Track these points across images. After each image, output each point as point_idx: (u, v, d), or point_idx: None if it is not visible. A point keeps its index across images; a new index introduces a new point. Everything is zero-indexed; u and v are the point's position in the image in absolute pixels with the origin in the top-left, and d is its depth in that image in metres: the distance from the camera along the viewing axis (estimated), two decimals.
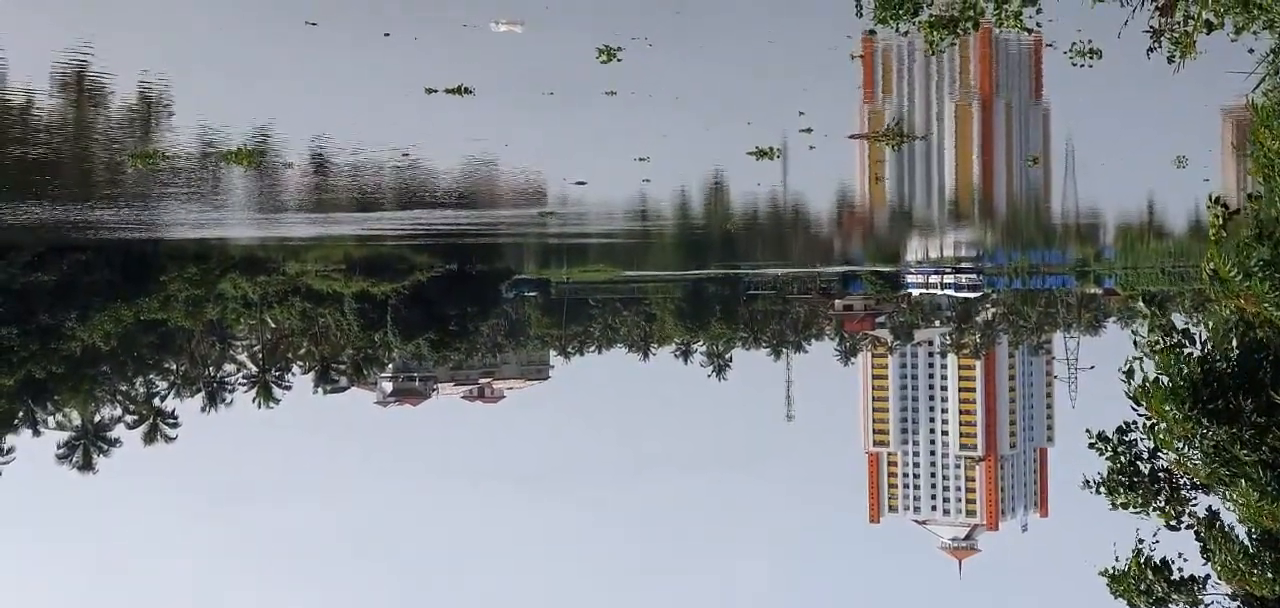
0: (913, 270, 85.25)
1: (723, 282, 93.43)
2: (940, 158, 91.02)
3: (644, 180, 63.16)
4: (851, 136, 78.28)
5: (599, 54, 64.94)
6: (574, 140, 66.27)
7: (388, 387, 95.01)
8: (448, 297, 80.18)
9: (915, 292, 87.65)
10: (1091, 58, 29.50)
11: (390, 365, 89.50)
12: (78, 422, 66.76)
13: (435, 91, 62.34)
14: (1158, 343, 16.00)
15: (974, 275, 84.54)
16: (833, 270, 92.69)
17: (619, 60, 64.90)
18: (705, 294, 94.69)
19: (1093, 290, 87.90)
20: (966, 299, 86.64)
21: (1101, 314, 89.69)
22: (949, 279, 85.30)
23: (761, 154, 66.79)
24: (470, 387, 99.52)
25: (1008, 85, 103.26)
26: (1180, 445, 16.18)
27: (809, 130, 68.81)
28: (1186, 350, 16.11)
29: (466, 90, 62.76)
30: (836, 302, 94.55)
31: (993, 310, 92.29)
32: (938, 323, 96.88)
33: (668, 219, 73.03)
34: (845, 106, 77.65)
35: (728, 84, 75.39)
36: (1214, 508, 16.28)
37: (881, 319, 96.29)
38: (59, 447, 65.54)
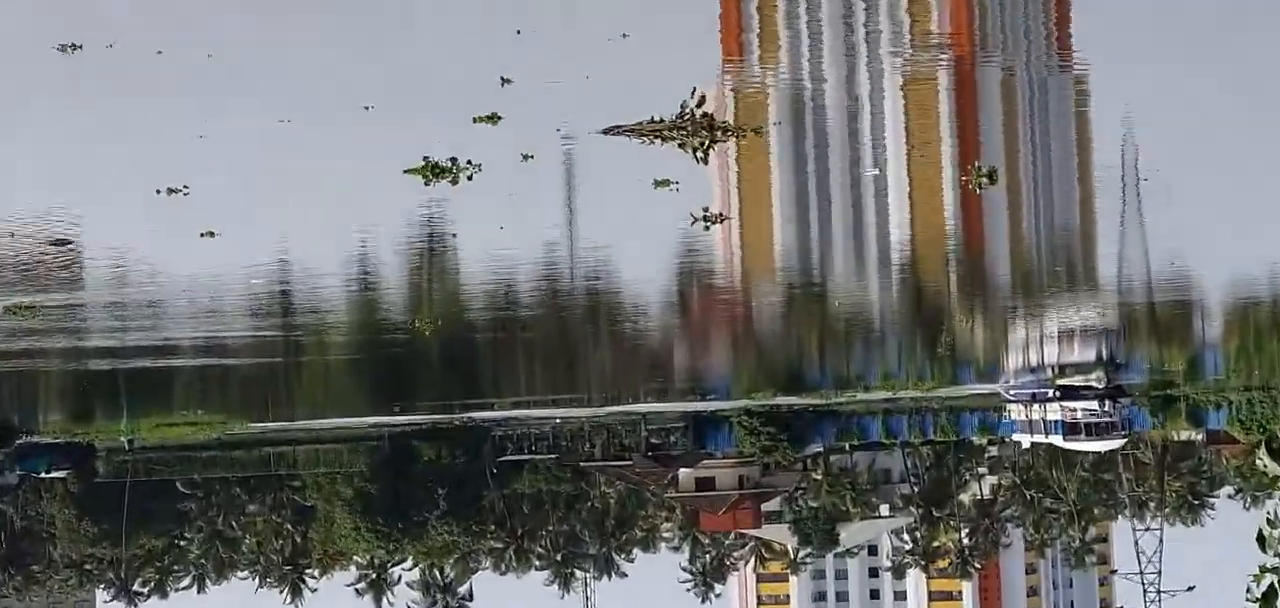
0: (1010, 389, 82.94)
1: (444, 438, 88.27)
2: (879, 170, 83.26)
3: (204, 233, 66.19)
4: (608, 131, 75.85)
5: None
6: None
7: None
8: None
9: (1017, 433, 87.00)
10: None
11: None
12: None
13: None
14: None
15: (1101, 405, 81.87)
16: (669, 409, 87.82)
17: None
18: (413, 463, 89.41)
19: (1184, 433, 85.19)
20: (1090, 452, 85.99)
21: (1203, 478, 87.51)
22: (1052, 413, 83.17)
23: (432, 172, 69.57)
24: None
25: (1005, 35, 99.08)
26: None
27: (493, 119, 74.31)
28: None
29: None
30: (680, 471, 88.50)
31: (990, 479, 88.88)
32: (883, 508, 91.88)
33: (325, 309, 72.15)
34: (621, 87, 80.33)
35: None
36: None
37: (774, 504, 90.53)
38: None
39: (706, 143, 76.91)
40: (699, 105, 76.67)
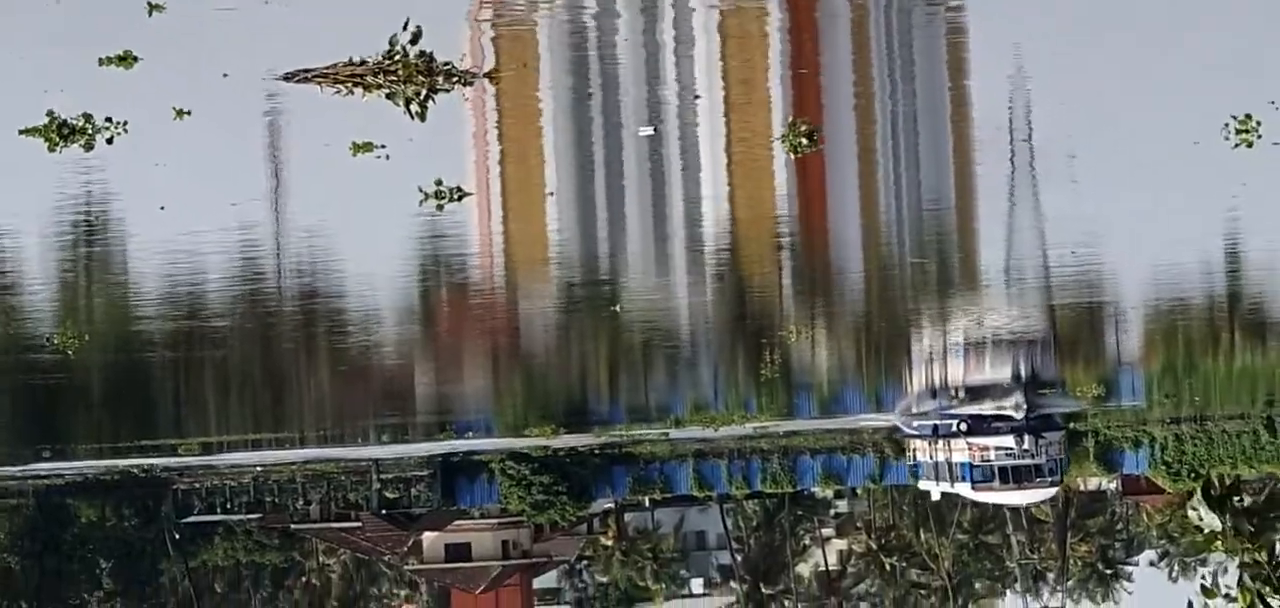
0: (912, 421, 76.86)
1: (110, 493, 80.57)
2: (655, 130, 73.95)
3: None
4: (291, 77, 69.91)
5: None
6: None
7: None
8: None
9: (924, 483, 78.80)
10: None
11: None
12: None
13: None
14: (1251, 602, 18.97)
15: (1021, 441, 73.74)
16: (409, 452, 79.44)
17: None
18: (67, 528, 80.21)
19: (1092, 480, 78.82)
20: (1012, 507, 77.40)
21: (1117, 540, 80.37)
22: (958, 455, 74.50)
23: (57, 133, 64.49)
24: None
25: None
26: None
27: (125, 60, 68.55)
28: None
29: None
30: (425, 536, 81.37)
31: (836, 544, 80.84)
32: (696, 584, 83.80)
33: None
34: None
35: None
36: None
37: (550, 579, 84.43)
38: None
39: (423, 92, 71.15)
40: (414, 41, 70.47)
